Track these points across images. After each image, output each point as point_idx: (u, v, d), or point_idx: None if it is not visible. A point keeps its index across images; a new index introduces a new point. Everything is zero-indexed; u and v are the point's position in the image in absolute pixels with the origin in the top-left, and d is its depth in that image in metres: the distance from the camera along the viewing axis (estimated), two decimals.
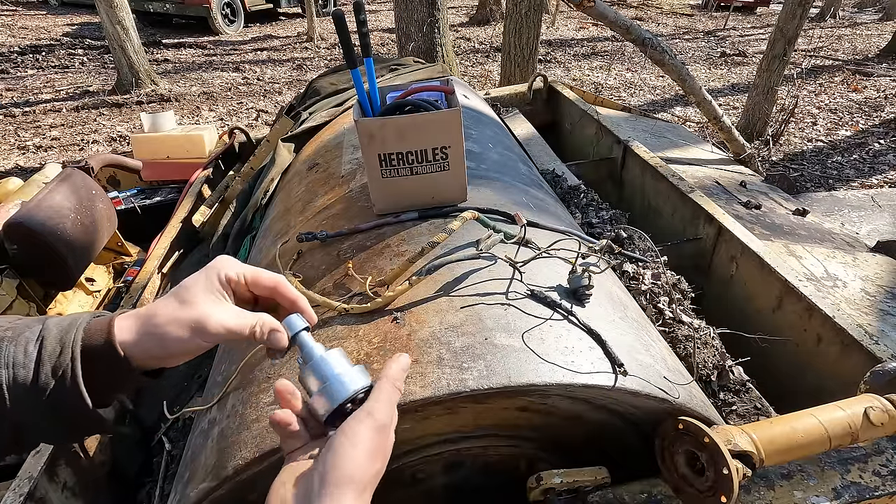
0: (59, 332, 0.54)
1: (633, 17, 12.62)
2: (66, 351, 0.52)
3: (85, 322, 0.55)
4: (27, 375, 0.51)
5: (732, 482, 0.74)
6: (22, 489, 1.03)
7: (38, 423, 0.53)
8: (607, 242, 1.09)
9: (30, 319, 0.56)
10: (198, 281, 0.58)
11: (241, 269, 0.60)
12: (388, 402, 0.52)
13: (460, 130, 1.07)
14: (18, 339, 0.53)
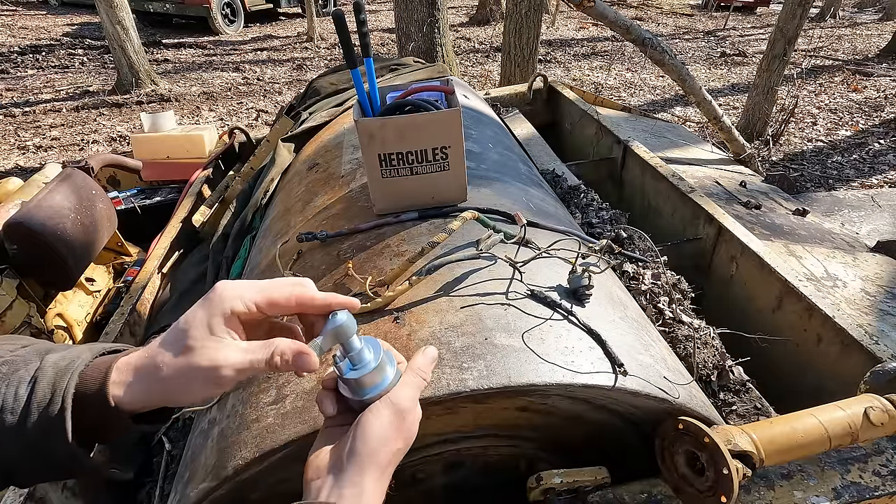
0: (54, 376, 0.49)
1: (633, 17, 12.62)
2: (56, 400, 0.48)
3: (82, 366, 0.50)
4: (14, 421, 0.48)
5: (732, 482, 0.74)
6: (22, 489, 1.03)
7: (28, 466, 0.50)
8: (607, 242, 1.09)
9: (32, 350, 0.52)
10: (198, 322, 0.50)
11: (249, 298, 0.52)
12: (411, 389, 0.55)
13: (460, 130, 1.07)
14: (11, 379, 0.49)
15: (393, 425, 0.52)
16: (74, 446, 0.48)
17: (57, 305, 2.15)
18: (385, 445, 0.51)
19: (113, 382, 0.49)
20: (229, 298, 0.51)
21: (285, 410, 0.79)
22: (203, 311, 0.51)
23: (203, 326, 0.50)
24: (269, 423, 0.79)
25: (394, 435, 0.52)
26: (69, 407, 0.48)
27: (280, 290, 0.53)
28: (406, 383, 0.56)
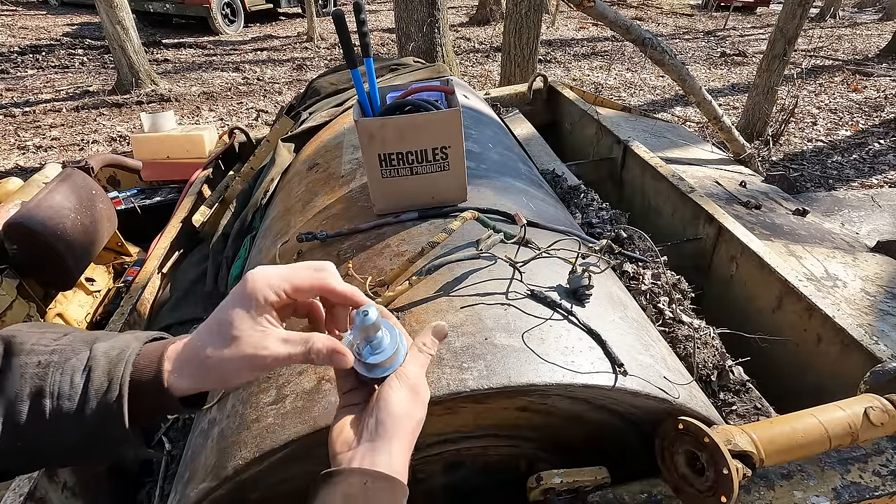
0: (108, 365, 0.52)
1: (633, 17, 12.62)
2: (114, 387, 0.51)
3: (133, 355, 0.54)
4: (71, 407, 0.50)
5: (732, 482, 0.74)
6: (22, 489, 1.03)
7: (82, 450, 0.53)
8: (607, 242, 1.09)
9: (76, 339, 0.54)
10: (240, 314, 0.54)
11: (279, 287, 0.55)
12: (418, 366, 0.60)
13: (460, 130, 1.07)
14: (65, 367, 0.51)
15: (410, 399, 0.57)
16: (129, 431, 0.51)
17: (57, 305, 2.15)
18: (408, 416, 0.56)
19: (166, 371, 0.53)
20: (262, 289, 0.54)
21: (285, 410, 0.79)
22: (242, 303, 0.54)
23: (245, 318, 0.53)
24: (269, 423, 0.79)
25: (413, 406, 0.57)
26: (126, 394, 0.51)
27: (302, 278, 0.57)
28: (413, 360, 0.60)
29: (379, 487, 0.51)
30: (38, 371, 0.50)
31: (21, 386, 0.50)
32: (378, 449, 0.53)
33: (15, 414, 0.49)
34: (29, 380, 0.50)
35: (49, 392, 0.50)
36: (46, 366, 0.51)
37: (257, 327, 0.53)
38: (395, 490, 0.52)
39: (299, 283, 0.56)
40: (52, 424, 0.50)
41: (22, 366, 0.50)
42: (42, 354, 0.52)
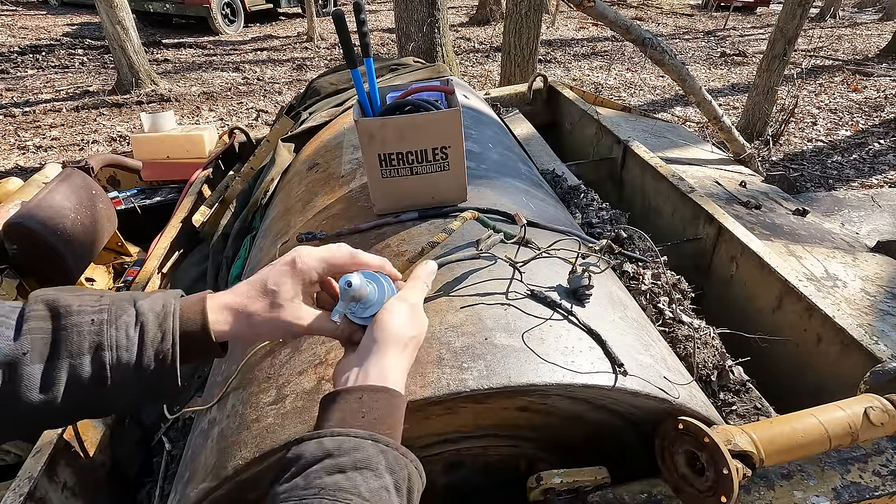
0: (157, 319, 0.58)
1: (633, 17, 12.62)
2: (167, 338, 0.58)
3: (177, 309, 0.60)
4: (130, 358, 0.56)
5: (732, 482, 0.74)
6: (22, 489, 1.03)
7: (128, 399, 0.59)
8: (607, 242, 1.09)
9: (116, 299, 0.59)
10: (286, 287, 0.63)
11: (320, 268, 0.66)
12: (417, 290, 0.68)
13: (460, 130, 1.07)
14: (118, 323, 0.57)
15: (406, 315, 0.64)
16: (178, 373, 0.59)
17: None
18: (402, 329, 0.62)
19: (212, 320, 0.61)
20: (307, 271, 0.65)
21: (285, 410, 0.79)
22: (289, 278, 0.64)
23: (290, 291, 0.63)
24: (269, 423, 0.79)
25: (409, 322, 0.63)
26: (178, 342, 0.58)
27: (339, 259, 0.67)
28: (413, 287, 0.68)
29: (374, 398, 0.57)
30: (93, 328, 0.55)
31: (80, 342, 0.54)
32: (370, 365, 0.59)
33: (79, 368, 0.54)
34: (87, 336, 0.55)
35: (108, 345, 0.55)
36: (100, 323, 0.56)
37: (297, 300, 0.64)
38: (391, 398, 0.58)
39: (337, 262, 0.67)
40: (114, 373, 0.55)
41: (77, 325, 0.55)
42: (91, 314, 0.56)
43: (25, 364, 0.52)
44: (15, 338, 0.52)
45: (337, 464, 0.50)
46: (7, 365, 0.51)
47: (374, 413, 0.56)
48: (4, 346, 0.52)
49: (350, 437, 0.52)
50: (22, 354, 0.52)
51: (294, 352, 0.90)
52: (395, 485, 0.51)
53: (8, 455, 1.33)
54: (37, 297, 0.56)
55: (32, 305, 0.55)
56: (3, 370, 0.51)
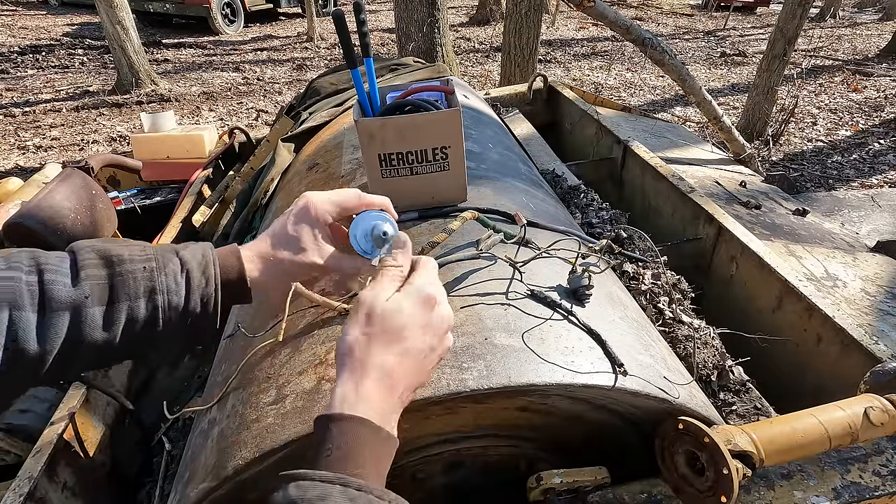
0: (199, 266, 0.64)
1: (633, 17, 12.62)
2: (211, 284, 0.63)
3: (215, 258, 0.66)
4: (179, 302, 0.61)
5: (732, 482, 0.74)
6: (22, 489, 1.03)
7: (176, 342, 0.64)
8: (607, 242, 1.09)
9: (160, 250, 0.64)
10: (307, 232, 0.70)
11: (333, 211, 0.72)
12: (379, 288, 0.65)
13: (460, 130, 1.07)
14: (166, 270, 0.62)
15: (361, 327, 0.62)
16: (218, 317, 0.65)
17: None
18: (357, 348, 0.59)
19: (247, 268, 0.67)
20: (322, 215, 0.71)
21: (285, 410, 0.79)
22: (306, 223, 0.70)
23: (309, 234, 0.70)
24: (269, 423, 0.79)
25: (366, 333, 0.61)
26: (220, 287, 0.64)
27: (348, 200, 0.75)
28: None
29: (341, 429, 0.52)
30: (146, 274, 0.60)
31: (136, 287, 0.59)
32: (344, 377, 0.57)
33: (135, 310, 0.59)
34: (142, 281, 0.60)
35: (160, 290, 0.60)
36: (151, 270, 0.61)
37: (318, 242, 0.70)
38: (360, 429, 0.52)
39: (347, 205, 0.74)
40: (165, 316, 0.60)
41: (132, 271, 0.60)
42: (142, 262, 0.61)
43: (88, 306, 0.56)
44: (74, 284, 0.57)
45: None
46: (72, 308, 0.56)
47: (341, 449, 0.51)
48: (66, 292, 0.56)
49: (316, 483, 0.47)
50: (84, 297, 0.56)
51: (294, 352, 0.90)
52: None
53: (8, 455, 1.33)
54: (86, 248, 0.60)
55: (85, 254, 0.59)
56: (69, 313, 0.55)
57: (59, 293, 0.55)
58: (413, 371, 0.60)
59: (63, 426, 1.15)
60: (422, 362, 0.61)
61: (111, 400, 1.33)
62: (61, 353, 0.55)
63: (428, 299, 0.62)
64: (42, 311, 0.54)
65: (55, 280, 0.56)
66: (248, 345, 0.99)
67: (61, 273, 0.57)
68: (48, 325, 0.54)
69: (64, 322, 0.55)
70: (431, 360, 0.62)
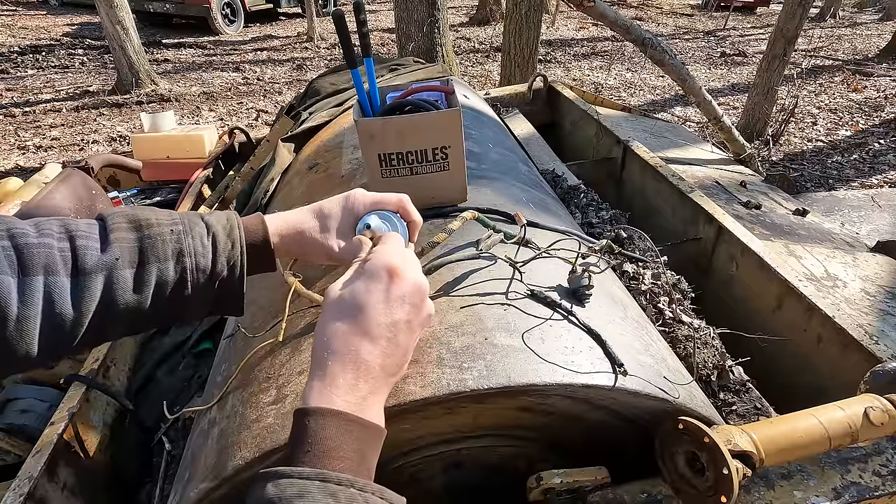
0: (225, 231, 0.65)
1: (633, 17, 12.62)
2: (237, 247, 0.65)
3: (240, 223, 0.67)
4: (206, 264, 0.63)
5: (732, 482, 0.74)
6: (22, 489, 1.03)
7: (204, 304, 0.65)
8: (607, 242, 1.09)
9: (185, 215, 0.65)
10: (339, 220, 0.72)
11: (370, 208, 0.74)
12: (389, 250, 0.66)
13: (460, 130, 1.07)
14: (193, 233, 0.63)
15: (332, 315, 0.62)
16: (244, 281, 0.66)
17: None
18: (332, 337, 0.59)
19: (272, 236, 0.69)
20: (357, 207, 0.74)
21: (285, 410, 0.79)
22: (341, 209, 0.73)
23: (338, 218, 0.73)
24: (269, 423, 0.79)
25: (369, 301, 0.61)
26: (245, 251, 0.66)
27: (389, 200, 0.77)
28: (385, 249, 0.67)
29: (320, 424, 0.50)
30: (173, 237, 0.62)
31: (165, 249, 0.61)
32: (315, 370, 0.56)
33: (165, 272, 0.60)
34: (170, 244, 0.61)
35: (188, 252, 0.62)
36: (178, 233, 0.62)
37: (343, 233, 0.73)
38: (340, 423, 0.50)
39: (385, 202, 0.76)
40: (193, 277, 0.62)
41: (160, 234, 0.61)
42: (169, 225, 0.62)
43: (119, 269, 0.57)
44: (104, 249, 0.58)
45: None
46: (105, 271, 0.57)
47: (322, 444, 0.48)
48: (98, 256, 0.57)
49: (294, 481, 0.46)
50: (115, 260, 0.57)
51: (294, 352, 0.90)
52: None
53: (8, 455, 1.33)
54: (115, 213, 0.62)
55: (114, 219, 0.61)
56: (102, 276, 0.57)
57: (91, 258, 0.56)
58: (387, 350, 0.57)
59: (63, 426, 1.15)
60: (395, 338, 0.58)
61: (111, 400, 1.33)
62: (96, 317, 0.56)
63: (387, 272, 0.60)
64: (75, 276, 0.55)
65: (87, 245, 0.57)
66: (248, 345, 0.99)
67: (92, 239, 0.58)
68: (82, 288, 0.55)
69: (97, 285, 0.56)
70: (409, 334, 0.60)
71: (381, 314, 0.57)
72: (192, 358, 1.52)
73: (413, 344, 0.62)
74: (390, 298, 0.59)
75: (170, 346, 1.56)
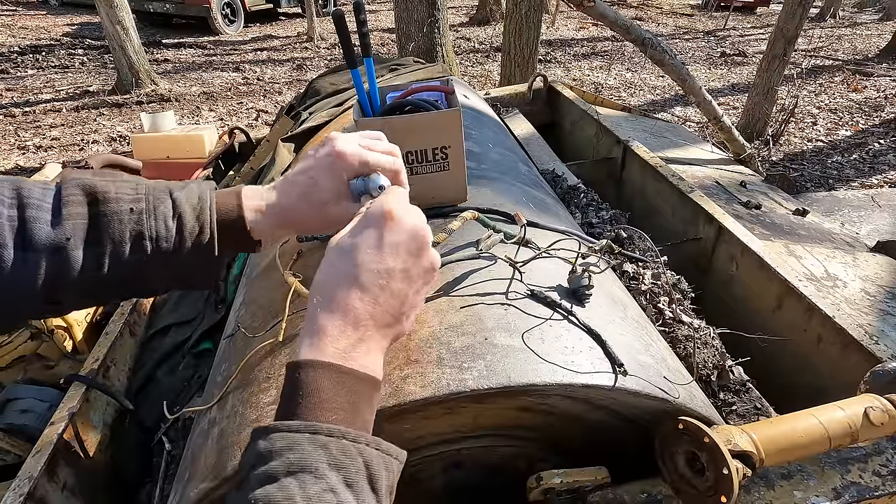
0: (193, 211, 0.59)
1: (633, 17, 12.62)
2: (206, 230, 0.59)
3: (213, 202, 0.61)
4: (169, 248, 0.58)
5: (732, 482, 0.74)
6: (22, 489, 1.03)
7: (176, 280, 0.62)
8: (607, 242, 1.09)
9: (152, 188, 0.60)
10: (326, 185, 0.63)
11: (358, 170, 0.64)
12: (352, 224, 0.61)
13: (460, 130, 1.07)
14: (156, 213, 0.58)
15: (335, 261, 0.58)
16: (214, 264, 0.61)
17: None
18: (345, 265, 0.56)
19: (248, 215, 0.62)
20: (347, 168, 0.64)
21: None
22: (328, 174, 0.63)
23: (329, 188, 0.64)
24: (268, 423, 0.79)
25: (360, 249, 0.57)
26: (216, 235, 0.60)
27: (381, 163, 0.65)
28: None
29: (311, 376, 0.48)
30: (133, 216, 0.57)
31: (122, 230, 0.56)
32: (308, 322, 0.52)
33: (120, 255, 0.56)
34: (128, 224, 0.56)
35: (148, 235, 0.57)
36: (140, 212, 0.57)
37: (335, 198, 0.64)
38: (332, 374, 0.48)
39: (372, 163, 0.64)
40: (154, 260, 0.58)
41: (117, 212, 0.56)
42: (129, 203, 0.57)
43: (70, 249, 0.54)
44: (56, 224, 0.54)
45: (269, 470, 0.43)
46: (54, 249, 0.53)
47: (312, 396, 0.47)
48: (47, 231, 0.53)
49: (283, 434, 0.45)
50: (65, 239, 0.54)
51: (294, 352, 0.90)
52: (344, 481, 0.44)
53: (8, 455, 1.33)
54: (72, 181, 0.57)
55: (70, 190, 0.56)
56: (51, 253, 0.53)
57: (40, 232, 0.53)
58: (379, 298, 0.53)
59: (63, 426, 1.15)
60: (388, 286, 0.53)
61: (111, 400, 1.33)
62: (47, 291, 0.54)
63: (383, 216, 0.54)
64: (24, 249, 0.53)
65: (37, 217, 0.53)
66: (248, 345, 0.99)
67: (43, 209, 0.54)
68: (31, 264, 0.53)
69: (45, 262, 0.53)
70: (405, 283, 0.55)
71: (371, 261, 0.53)
72: (192, 358, 1.52)
73: (413, 296, 0.56)
74: (383, 244, 0.54)
75: (170, 346, 1.56)
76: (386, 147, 0.68)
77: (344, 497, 0.43)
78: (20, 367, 1.64)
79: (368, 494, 0.45)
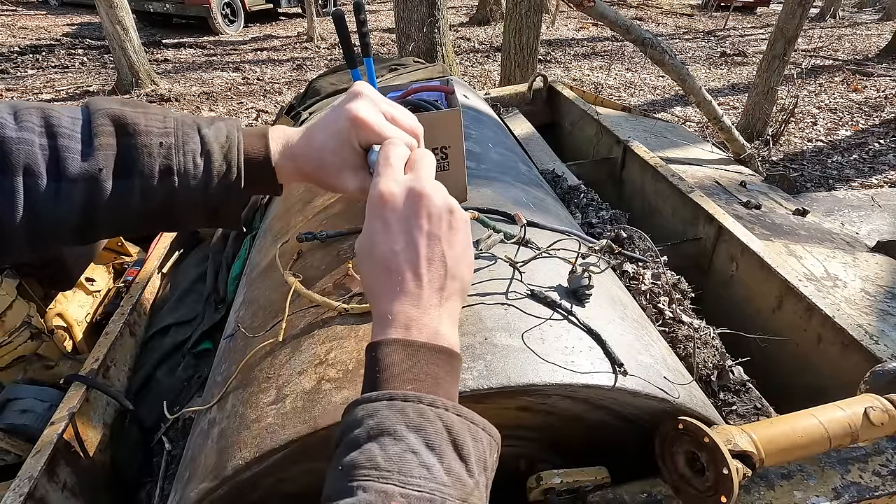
0: (221, 150, 0.60)
1: (633, 17, 12.62)
2: (233, 170, 0.60)
3: (241, 140, 0.62)
4: (197, 185, 0.59)
5: (732, 482, 0.74)
6: (22, 489, 1.03)
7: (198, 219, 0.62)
8: (607, 242, 1.10)
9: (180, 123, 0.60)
10: (338, 148, 0.63)
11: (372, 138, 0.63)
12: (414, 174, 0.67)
13: (460, 130, 1.07)
14: (185, 150, 0.58)
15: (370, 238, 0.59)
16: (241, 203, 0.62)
17: (57, 305, 2.15)
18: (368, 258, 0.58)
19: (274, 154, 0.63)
20: (363, 136, 0.63)
21: (285, 410, 0.79)
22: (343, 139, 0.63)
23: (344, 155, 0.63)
24: (269, 423, 0.79)
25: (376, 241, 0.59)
26: (243, 175, 0.61)
27: (393, 131, 0.65)
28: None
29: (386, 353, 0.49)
30: (162, 151, 0.57)
31: (151, 164, 0.56)
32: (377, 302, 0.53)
33: (149, 189, 0.57)
34: (157, 158, 0.57)
35: (176, 171, 0.57)
36: (169, 147, 0.57)
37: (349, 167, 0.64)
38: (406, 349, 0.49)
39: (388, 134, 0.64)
40: (180, 195, 0.58)
41: (147, 146, 0.56)
42: (159, 136, 0.57)
43: (101, 180, 0.54)
44: (87, 155, 0.54)
45: (353, 438, 0.44)
46: (86, 180, 0.54)
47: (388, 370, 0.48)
48: (79, 162, 0.54)
49: (364, 405, 0.46)
50: (97, 170, 0.54)
51: (294, 352, 0.90)
52: (425, 442, 0.43)
53: (8, 455, 1.33)
54: (102, 111, 0.57)
55: (99, 120, 0.56)
56: (83, 184, 0.54)
57: (73, 163, 0.54)
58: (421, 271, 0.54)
59: (63, 426, 1.15)
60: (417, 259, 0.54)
61: (111, 400, 1.34)
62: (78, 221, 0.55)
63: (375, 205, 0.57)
64: (57, 180, 0.53)
65: (68, 147, 0.54)
66: (248, 345, 0.99)
67: (74, 139, 0.55)
68: (64, 194, 0.53)
69: (78, 193, 0.54)
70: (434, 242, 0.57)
71: (384, 242, 0.55)
72: (192, 358, 1.52)
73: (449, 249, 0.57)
74: (390, 229, 0.55)
75: (170, 346, 1.56)
76: (409, 124, 0.67)
77: (426, 458, 0.43)
78: (20, 367, 1.64)
79: (455, 461, 0.44)
